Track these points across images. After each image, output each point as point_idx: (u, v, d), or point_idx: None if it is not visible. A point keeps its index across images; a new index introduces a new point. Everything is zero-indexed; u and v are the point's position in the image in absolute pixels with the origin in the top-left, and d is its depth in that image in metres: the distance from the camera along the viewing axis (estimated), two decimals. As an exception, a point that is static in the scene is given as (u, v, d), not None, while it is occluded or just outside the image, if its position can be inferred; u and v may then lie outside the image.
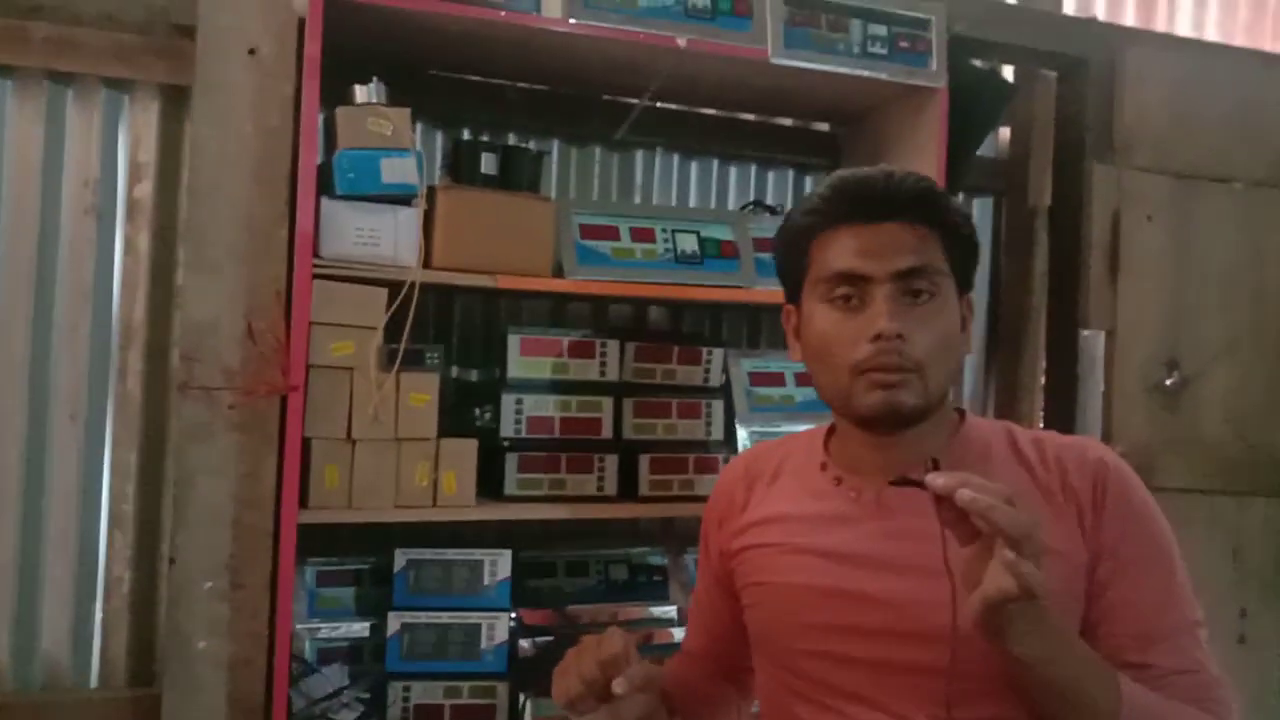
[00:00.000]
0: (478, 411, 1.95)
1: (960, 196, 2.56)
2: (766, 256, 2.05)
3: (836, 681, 1.06)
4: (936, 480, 0.86)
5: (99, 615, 1.93)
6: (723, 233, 2.03)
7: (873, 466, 1.09)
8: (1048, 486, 1.04)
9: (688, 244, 2.00)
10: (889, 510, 1.07)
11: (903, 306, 1.02)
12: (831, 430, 1.19)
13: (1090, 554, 1.02)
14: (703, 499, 1.94)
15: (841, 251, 1.05)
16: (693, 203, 2.39)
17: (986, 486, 0.85)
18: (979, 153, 2.40)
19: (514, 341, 1.90)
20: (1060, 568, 0.98)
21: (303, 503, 1.67)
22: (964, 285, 1.09)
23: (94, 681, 1.93)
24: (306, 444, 1.68)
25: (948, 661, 0.97)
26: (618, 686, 0.96)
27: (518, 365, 1.90)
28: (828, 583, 1.07)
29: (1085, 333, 2.43)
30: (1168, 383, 2.39)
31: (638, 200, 2.34)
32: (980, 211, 2.68)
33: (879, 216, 1.05)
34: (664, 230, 1.99)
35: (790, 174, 2.48)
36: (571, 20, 1.78)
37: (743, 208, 2.37)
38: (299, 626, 1.83)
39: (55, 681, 1.90)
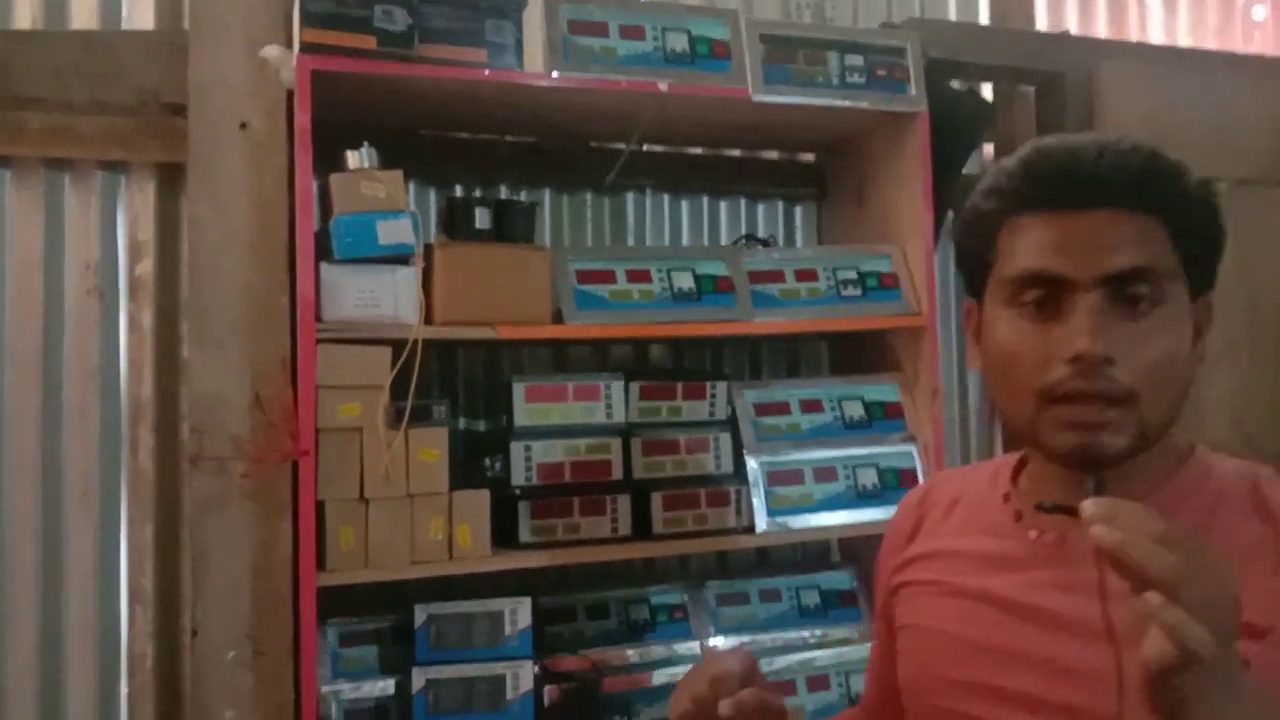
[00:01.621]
0: (487, 462, 1.96)
1: (950, 216, 2.59)
2: (762, 289, 2.07)
3: None
4: (1087, 508, 0.67)
5: (124, 691, 1.94)
6: (717, 268, 2.06)
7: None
8: None
9: (684, 282, 2.02)
10: (1071, 556, 0.86)
11: (1113, 320, 0.81)
12: (1025, 459, 0.98)
13: None
14: (716, 533, 1.99)
15: (1034, 246, 0.84)
16: (685, 241, 2.42)
17: (1137, 520, 0.66)
18: (965, 172, 2.43)
19: (519, 390, 1.92)
20: None
21: (320, 565, 1.68)
22: (1200, 284, 0.86)
23: (122, 760, 1.93)
24: (320, 507, 1.69)
25: None
26: (724, 709, 0.86)
27: (524, 413, 1.92)
28: (982, 634, 0.89)
29: (1084, 341, 2.45)
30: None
31: (631, 242, 2.37)
32: (970, 229, 2.70)
33: (1086, 202, 0.83)
34: (659, 270, 2.02)
35: (780, 206, 2.51)
36: (554, 74, 1.82)
37: (735, 242, 2.39)
38: (324, 689, 1.82)
39: (83, 763, 1.90)
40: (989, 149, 2.68)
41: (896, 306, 2.13)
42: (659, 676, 1.95)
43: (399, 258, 1.74)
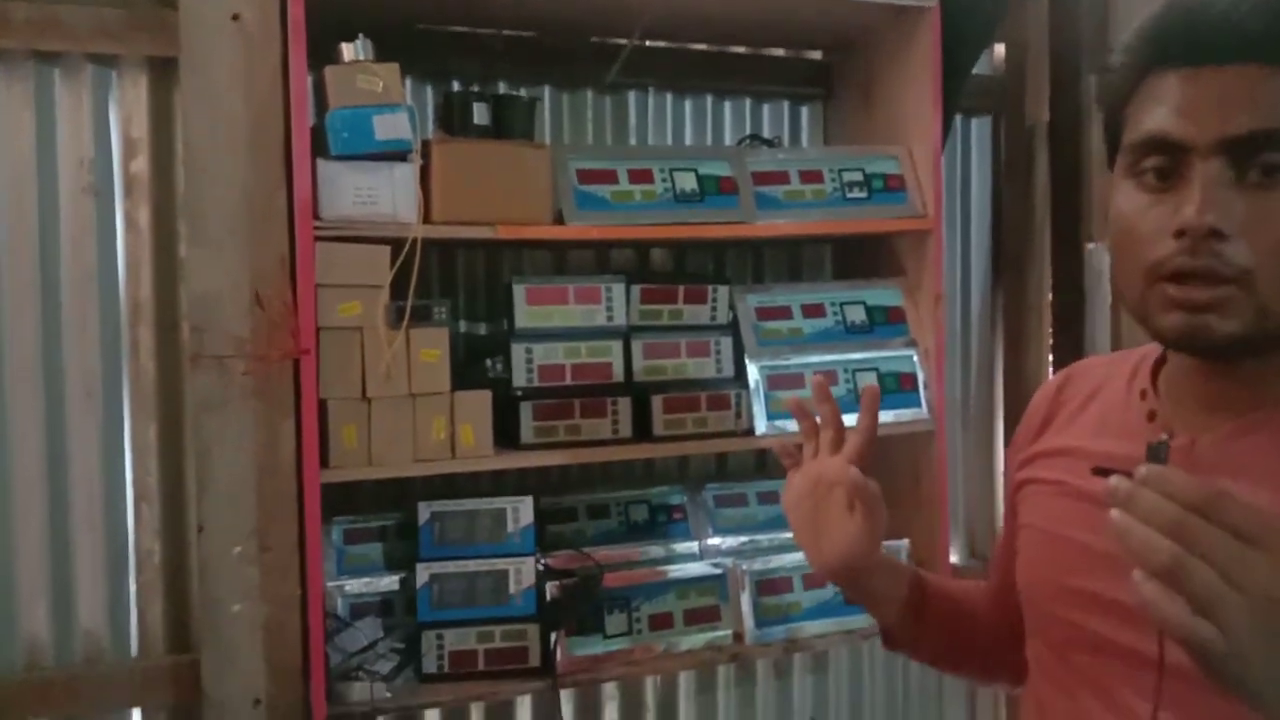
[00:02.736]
0: (489, 364, 1.96)
1: (958, 118, 2.54)
2: (766, 190, 2.04)
3: (1089, 670, 0.83)
4: (1111, 485, 0.59)
5: (133, 587, 1.97)
6: (721, 169, 2.02)
7: (1202, 403, 0.81)
8: None
9: (686, 183, 1.99)
10: (1203, 463, 0.78)
11: (1233, 192, 0.71)
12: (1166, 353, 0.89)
13: None
14: (717, 435, 2.00)
15: (1158, 107, 0.75)
16: (688, 140, 2.38)
17: (1154, 503, 0.57)
18: (974, 72, 2.37)
19: (520, 291, 1.91)
20: None
21: (323, 463, 1.70)
22: None
23: (134, 651, 1.97)
24: (323, 406, 1.70)
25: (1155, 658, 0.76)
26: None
27: (525, 315, 1.91)
28: (1101, 542, 0.81)
29: (1090, 246, 2.43)
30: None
31: (633, 141, 2.32)
32: (979, 131, 2.66)
33: (1219, 56, 0.72)
34: (662, 170, 1.98)
35: (785, 105, 2.46)
36: (554, -38, 1.76)
37: (739, 142, 2.35)
38: (329, 584, 1.86)
39: (95, 655, 1.94)
40: (999, 49, 2.62)
41: (902, 209, 2.10)
42: (658, 574, 1.98)
43: (396, 154, 1.71)
